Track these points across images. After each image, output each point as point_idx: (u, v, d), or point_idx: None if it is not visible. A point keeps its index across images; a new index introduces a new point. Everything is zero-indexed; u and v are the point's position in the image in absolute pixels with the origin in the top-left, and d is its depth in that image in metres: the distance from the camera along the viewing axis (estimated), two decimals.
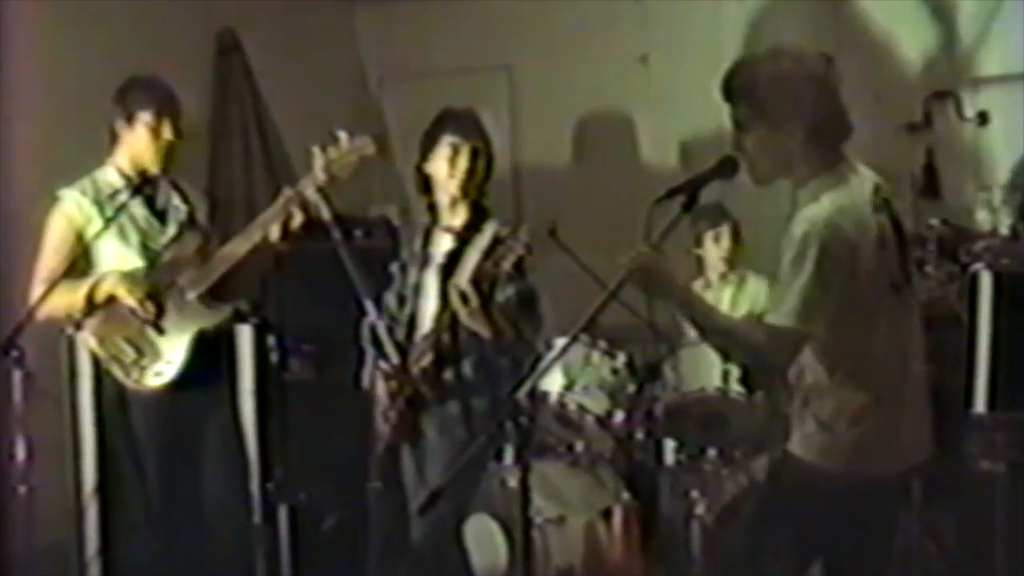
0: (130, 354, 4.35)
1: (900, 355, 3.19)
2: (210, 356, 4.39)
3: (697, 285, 5.37)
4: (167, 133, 4.40)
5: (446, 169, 4.29)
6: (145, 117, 4.39)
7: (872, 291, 3.11)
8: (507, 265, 4.06)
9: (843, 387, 3.15)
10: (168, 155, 4.42)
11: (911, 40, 5.55)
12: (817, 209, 3.09)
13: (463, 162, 4.28)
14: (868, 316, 3.12)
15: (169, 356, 4.35)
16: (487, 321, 4.12)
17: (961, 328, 4.22)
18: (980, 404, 4.13)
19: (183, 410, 4.40)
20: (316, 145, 4.26)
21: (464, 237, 4.30)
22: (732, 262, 5.33)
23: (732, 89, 3.19)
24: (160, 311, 4.35)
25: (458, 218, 4.34)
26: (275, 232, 4.27)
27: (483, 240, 4.25)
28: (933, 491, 4.63)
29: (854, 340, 3.13)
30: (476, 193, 4.33)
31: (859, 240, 3.08)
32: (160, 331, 4.36)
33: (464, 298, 4.06)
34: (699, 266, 5.42)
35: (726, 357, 4.59)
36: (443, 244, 4.35)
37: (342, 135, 4.24)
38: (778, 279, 3.14)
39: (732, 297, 5.32)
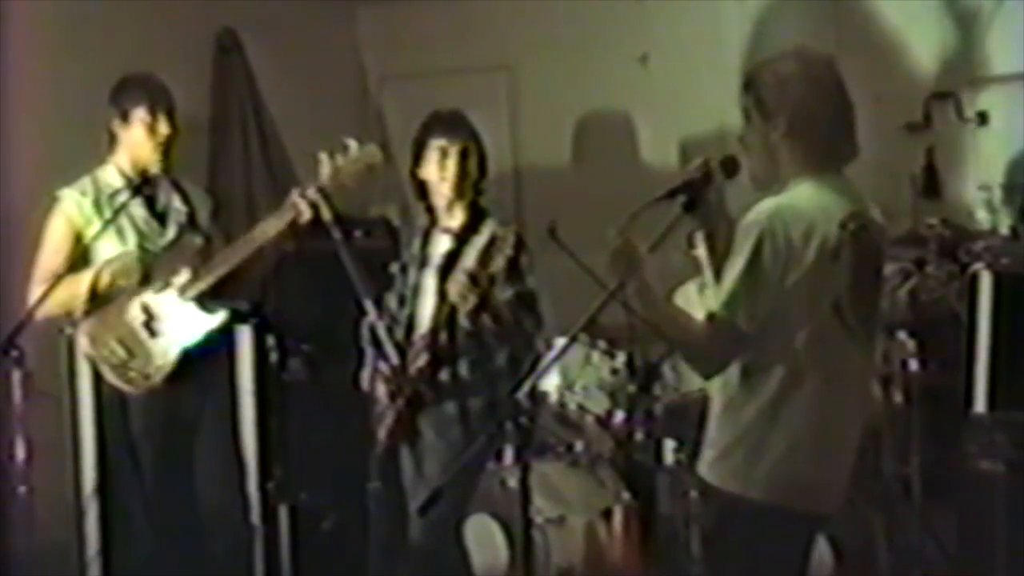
0: (121, 356, 4.34)
1: (829, 386, 3.05)
2: (207, 357, 4.38)
3: (693, 286, 5.36)
4: (163, 128, 4.39)
5: (437, 172, 4.30)
6: (140, 114, 4.38)
7: (803, 302, 3.02)
8: (495, 267, 4.07)
9: (749, 393, 3.05)
10: (166, 150, 4.42)
11: (911, 40, 5.55)
12: (768, 204, 3.06)
13: (452, 164, 4.29)
14: (791, 326, 3.02)
15: (160, 359, 4.33)
16: (488, 312, 4.13)
17: (961, 328, 4.22)
18: (980, 404, 4.13)
19: (181, 411, 4.39)
20: (323, 152, 4.24)
21: (462, 238, 4.31)
22: (721, 261, 5.29)
23: (745, 81, 3.19)
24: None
25: (456, 219, 4.34)
26: (272, 231, 4.26)
27: (480, 241, 4.26)
28: (933, 491, 4.64)
29: (769, 345, 3.03)
30: (472, 193, 4.34)
31: (801, 245, 2.99)
32: (153, 333, 4.35)
33: (464, 292, 4.07)
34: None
35: None
36: (442, 245, 4.36)
37: (351, 143, 4.24)
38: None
39: None
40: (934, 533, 4.65)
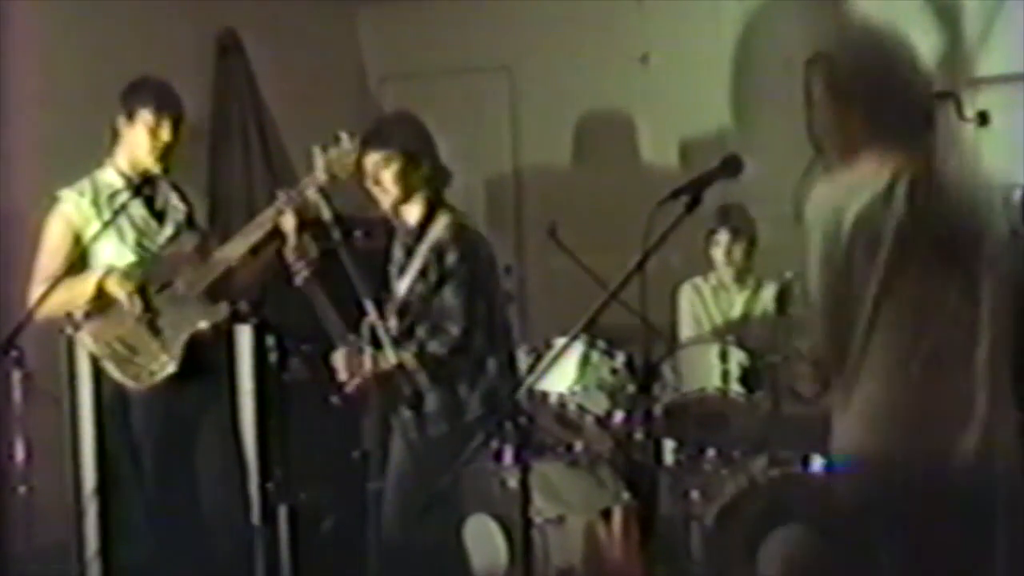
0: (124, 353, 4.34)
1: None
2: (208, 356, 4.39)
3: (709, 285, 5.36)
4: (165, 134, 4.39)
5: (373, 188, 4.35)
6: (144, 116, 4.38)
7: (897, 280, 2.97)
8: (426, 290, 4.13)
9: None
10: (165, 157, 4.41)
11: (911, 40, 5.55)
12: (826, 186, 3.02)
13: (387, 176, 4.31)
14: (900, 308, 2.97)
15: (163, 356, 4.34)
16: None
17: None
18: None
19: (182, 410, 4.40)
20: (317, 145, 4.26)
21: (418, 238, 4.35)
22: (738, 265, 5.28)
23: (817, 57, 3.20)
24: (147, 307, 4.34)
25: (412, 216, 4.38)
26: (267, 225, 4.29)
27: (424, 249, 4.30)
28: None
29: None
30: (418, 192, 4.34)
31: (862, 229, 2.95)
32: (156, 331, 4.35)
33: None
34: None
35: (723, 357, 4.62)
36: (400, 250, 4.42)
37: (343, 135, 4.25)
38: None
39: (746, 302, 5.30)
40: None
